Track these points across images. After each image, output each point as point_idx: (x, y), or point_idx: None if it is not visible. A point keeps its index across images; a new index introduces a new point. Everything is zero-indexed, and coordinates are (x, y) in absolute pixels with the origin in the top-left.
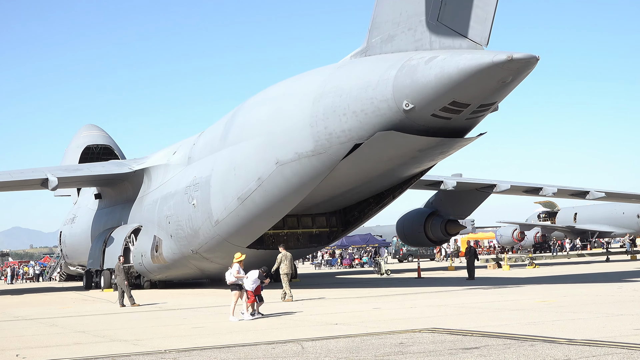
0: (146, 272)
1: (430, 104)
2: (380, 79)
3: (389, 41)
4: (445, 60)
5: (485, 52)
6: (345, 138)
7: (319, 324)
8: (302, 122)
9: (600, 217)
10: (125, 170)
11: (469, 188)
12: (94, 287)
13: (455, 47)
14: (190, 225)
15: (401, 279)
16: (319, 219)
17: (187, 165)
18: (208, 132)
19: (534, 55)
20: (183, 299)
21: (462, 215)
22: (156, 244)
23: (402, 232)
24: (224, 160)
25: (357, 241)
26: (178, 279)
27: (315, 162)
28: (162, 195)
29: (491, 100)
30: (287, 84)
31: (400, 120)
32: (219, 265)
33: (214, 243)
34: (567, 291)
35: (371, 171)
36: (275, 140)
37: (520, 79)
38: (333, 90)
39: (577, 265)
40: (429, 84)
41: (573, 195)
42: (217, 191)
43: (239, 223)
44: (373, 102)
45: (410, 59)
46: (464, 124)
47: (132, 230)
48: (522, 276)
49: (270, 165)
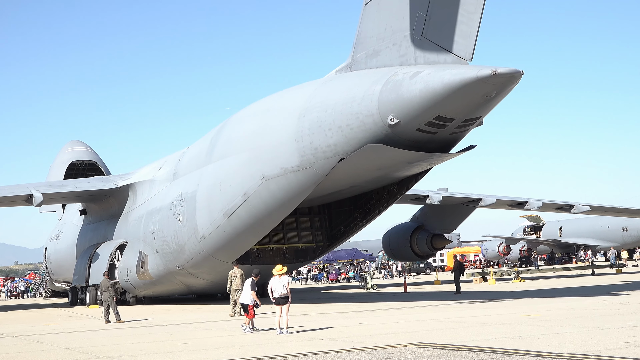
0: (132, 288)
1: (416, 119)
2: (366, 94)
3: (374, 56)
4: (430, 75)
5: (470, 67)
6: (330, 153)
7: (305, 340)
8: (288, 137)
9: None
10: (110, 186)
11: (455, 202)
12: (79, 304)
13: (440, 61)
14: (175, 240)
15: (387, 293)
16: (305, 234)
17: (173, 181)
18: (194, 147)
19: (518, 70)
20: (169, 315)
21: (448, 229)
22: (142, 260)
23: (388, 247)
24: (209, 176)
25: (343, 256)
26: (164, 295)
27: (301, 177)
28: (147, 211)
29: (476, 115)
30: (272, 99)
31: (386, 135)
32: (205, 281)
33: (199, 258)
34: (552, 305)
35: (359, 177)
36: (261, 155)
37: (504, 93)
38: (318, 106)
39: (562, 279)
40: (414, 99)
41: (558, 209)
42: (203, 206)
43: (224, 238)
44: (358, 117)
45: (395, 74)
46: (449, 138)
47: (118, 246)
48: (508, 290)
49: (256, 180)
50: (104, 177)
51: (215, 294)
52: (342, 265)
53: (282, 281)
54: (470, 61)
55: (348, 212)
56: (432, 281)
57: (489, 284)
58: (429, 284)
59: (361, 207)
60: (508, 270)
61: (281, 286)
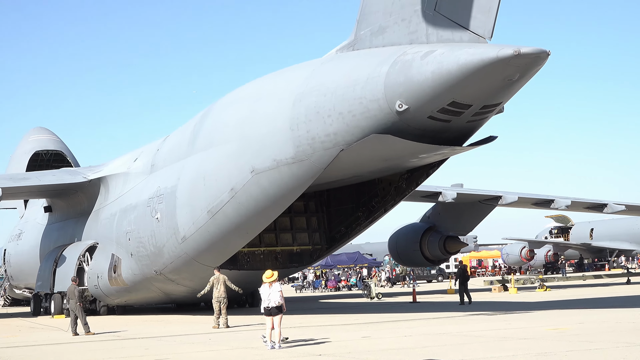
0: (103, 296)
1: (427, 105)
2: (370, 76)
3: (380, 33)
4: (444, 55)
5: (489, 46)
6: (330, 143)
7: (299, 355)
8: (281, 125)
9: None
10: (79, 180)
11: (471, 200)
12: (43, 313)
13: (455, 40)
14: (153, 242)
15: (394, 303)
16: (301, 235)
17: (150, 174)
18: (174, 136)
19: (544, 50)
20: (145, 327)
21: (463, 230)
22: (114, 264)
23: (395, 250)
24: (192, 168)
25: (344, 260)
26: (139, 304)
27: (296, 170)
28: (121, 208)
29: (496, 101)
30: (264, 81)
31: (393, 123)
32: (187, 288)
33: (180, 262)
34: (582, 317)
35: (362, 168)
36: (250, 145)
37: (528, 76)
38: (316, 89)
39: (593, 288)
40: (425, 82)
41: (589, 209)
42: (184, 203)
43: (209, 240)
44: (362, 103)
45: (404, 53)
46: (466, 127)
47: (87, 248)
48: (531, 300)
49: (244, 173)
50: (71, 169)
51: (198, 303)
52: (342, 271)
53: (273, 289)
54: (489, 40)
55: (349, 210)
56: (444, 290)
57: (510, 293)
58: (441, 292)
59: (364, 204)
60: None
61: (273, 294)
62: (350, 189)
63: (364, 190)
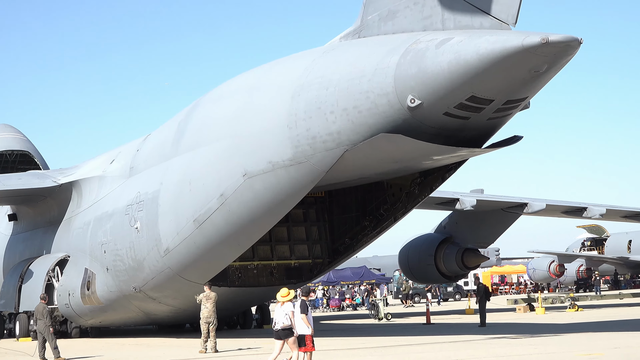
0: (75, 316)
1: (443, 100)
2: (378, 67)
3: (389, 18)
4: (462, 44)
5: (513, 34)
6: (332, 143)
7: None
8: (278, 122)
9: None
10: (48, 184)
11: (493, 207)
12: (7, 336)
13: (475, 26)
14: (132, 255)
15: (405, 325)
16: (299, 247)
17: (129, 178)
18: (156, 134)
19: (576, 38)
20: (123, 351)
21: (483, 242)
22: (88, 280)
23: (407, 265)
24: (176, 171)
25: (348, 276)
26: (116, 325)
27: (294, 174)
28: (95, 217)
29: (520, 95)
30: (258, 73)
31: (404, 121)
32: (170, 308)
33: (162, 278)
34: (619, 341)
35: (369, 170)
36: (242, 145)
37: (557, 67)
38: (318, 82)
39: (632, 307)
40: (440, 74)
41: (627, 218)
42: (168, 211)
43: (195, 252)
44: (369, 97)
45: (416, 41)
46: (486, 125)
47: (57, 262)
48: (561, 322)
49: (236, 177)
50: (40, 172)
51: (183, 325)
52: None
53: (284, 309)
54: (513, 26)
55: (355, 219)
56: (463, 310)
57: (537, 314)
58: (459, 313)
59: (372, 212)
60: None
61: (283, 315)
62: (356, 195)
63: (371, 196)
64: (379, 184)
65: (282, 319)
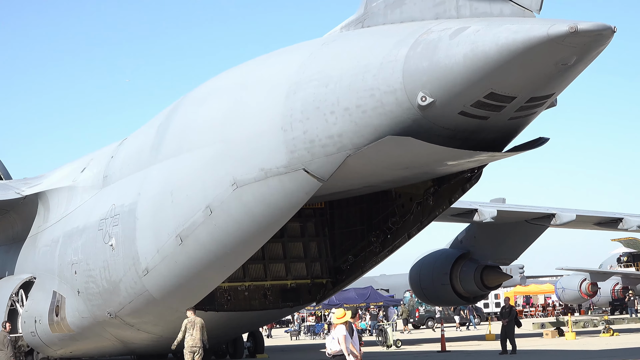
0: (42, 346)
1: (458, 97)
2: (385, 60)
3: (397, 5)
4: (479, 34)
5: (537, 22)
6: (333, 147)
7: None
8: (271, 125)
9: None
10: (10, 196)
11: (516, 219)
12: None
13: (494, 14)
14: (106, 276)
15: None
16: (296, 266)
17: (102, 188)
18: (133, 139)
19: (608, 26)
20: None
21: (506, 259)
22: (57, 304)
23: (419, 285)
24: (156, 181)
25: (352, 298)
26: (89, 355)
27: (290, 183)
28: (65, 233)
29: (546, 92)
30: (248, 68)
31: (414, 121)
32: (150, 335)
33: (141, 302)
34: None
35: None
36: (230, 150)
37: (587, 60)
38: (316, 78)
39: None
40: (455, 68)
41: None
42: (146, 226)
43: (177, 273)
44: (374, 95)
45: (428, 31)
46: (507, 125)
47: (21, 284)
48: (593, 348)
49: (224, 187)
50: (1, 182)
51: (165, 355)
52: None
53: (336, 333)
54: (537, 14)
55: (359, 233)
56: (482, 335)
57: (567, 339)
58: (478, 338)
59: (378, 226)
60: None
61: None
62: (360, 206)
63: (377, 207)
64: (386, 194)
65: (330, 344)
